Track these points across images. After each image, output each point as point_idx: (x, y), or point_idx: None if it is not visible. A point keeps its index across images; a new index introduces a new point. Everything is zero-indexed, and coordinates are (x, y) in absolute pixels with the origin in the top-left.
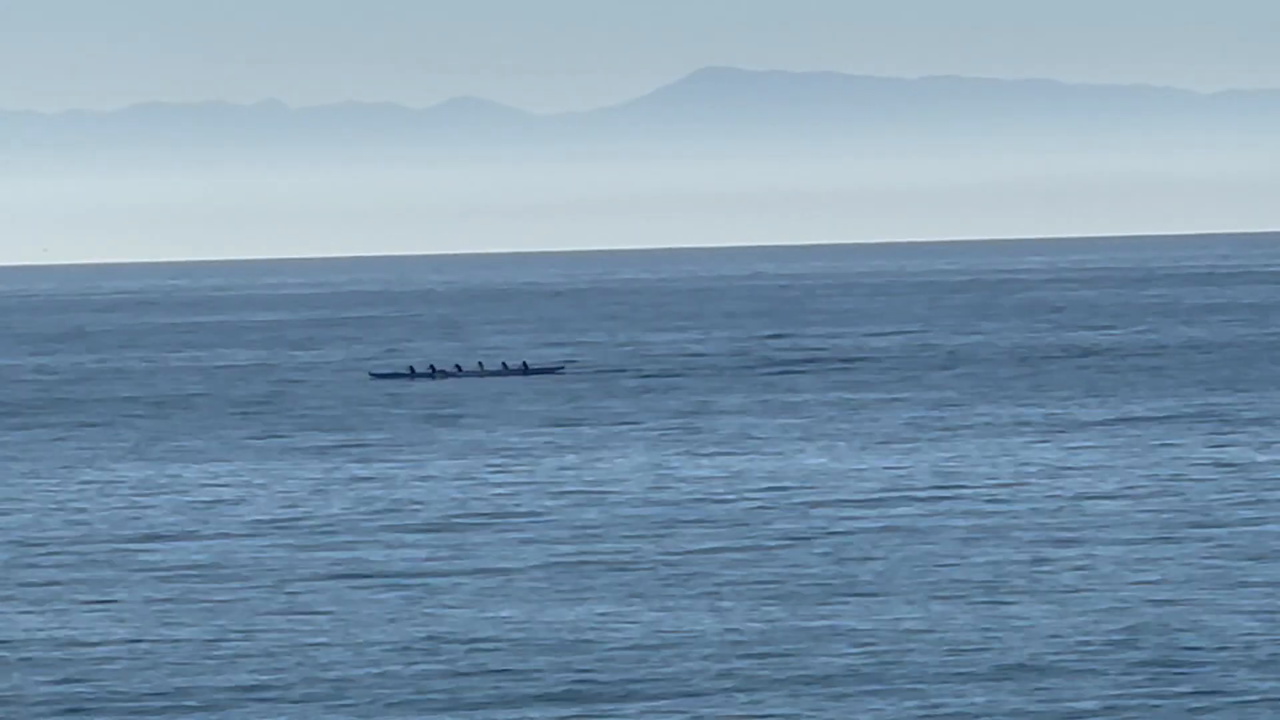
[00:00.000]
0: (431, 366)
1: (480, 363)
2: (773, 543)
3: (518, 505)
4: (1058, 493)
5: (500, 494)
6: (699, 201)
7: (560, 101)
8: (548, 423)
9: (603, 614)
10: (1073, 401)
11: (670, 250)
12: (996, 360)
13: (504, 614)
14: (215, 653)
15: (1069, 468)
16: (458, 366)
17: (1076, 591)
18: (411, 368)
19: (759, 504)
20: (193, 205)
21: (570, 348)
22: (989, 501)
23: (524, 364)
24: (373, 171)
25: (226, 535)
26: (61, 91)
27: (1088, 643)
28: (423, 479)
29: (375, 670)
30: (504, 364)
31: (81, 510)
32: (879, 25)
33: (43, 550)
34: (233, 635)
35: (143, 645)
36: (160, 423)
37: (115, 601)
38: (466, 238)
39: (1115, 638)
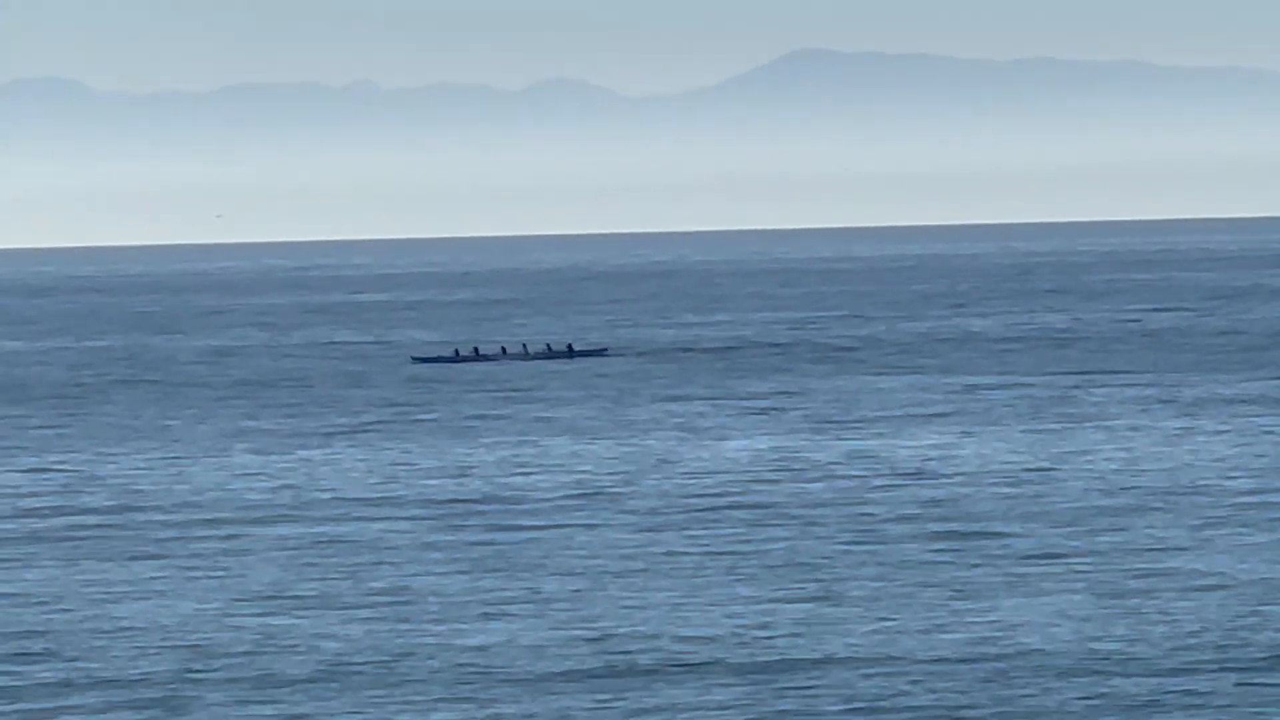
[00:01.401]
0: (475, 349)
1: (525, 345)
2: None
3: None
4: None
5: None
6: (792, 184)
7: (652, 83)
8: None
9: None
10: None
11: (765, 231)
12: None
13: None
14: (339, 632)
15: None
16: (502, 349)
17: None
18: (456, 351)
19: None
20: (284, 187)
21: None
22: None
23: (569, 346)
24: (464, 153)
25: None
26: (154, 73)
27: None
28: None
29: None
30: (548, 346)
31: (193, 486)
32: (972, 7)
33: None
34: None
35: (259, 623)
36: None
37: (238, 577)
38: (558, 219)
39: None
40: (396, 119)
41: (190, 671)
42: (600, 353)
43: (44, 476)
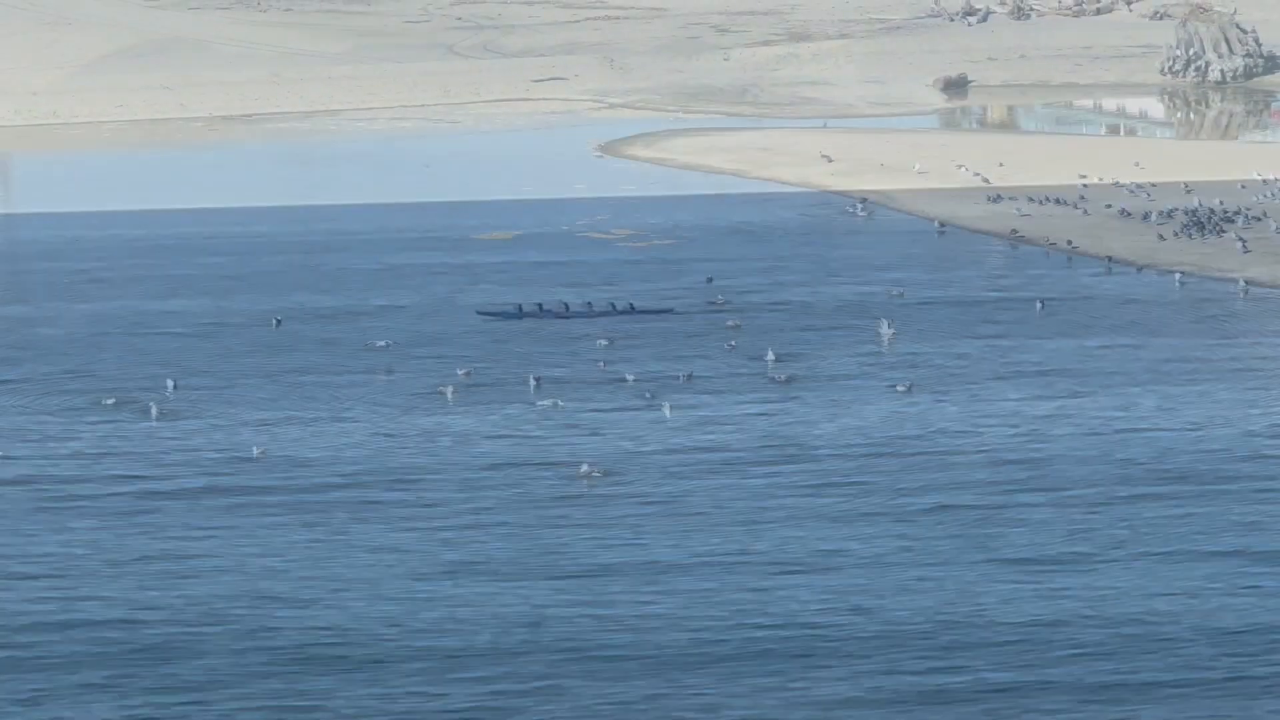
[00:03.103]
0: (539, 305)
1: (589, 303)
2: None
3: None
4: None
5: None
6: None
7: None
8: None
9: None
10: None
11: None
12: None
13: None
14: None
15: None
16: (565, 306)
17: None
18: (519, 306)
19: None
20: None
21: None
22: None
23: (631, 305)
24: None
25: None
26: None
27: None
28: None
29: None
30: (612, 304)
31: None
32: None
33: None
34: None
35: (427, 593)
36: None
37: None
38: None
39: None
40: None
41: (383, 637)
42: (665, 312)
43: (149, 441)
